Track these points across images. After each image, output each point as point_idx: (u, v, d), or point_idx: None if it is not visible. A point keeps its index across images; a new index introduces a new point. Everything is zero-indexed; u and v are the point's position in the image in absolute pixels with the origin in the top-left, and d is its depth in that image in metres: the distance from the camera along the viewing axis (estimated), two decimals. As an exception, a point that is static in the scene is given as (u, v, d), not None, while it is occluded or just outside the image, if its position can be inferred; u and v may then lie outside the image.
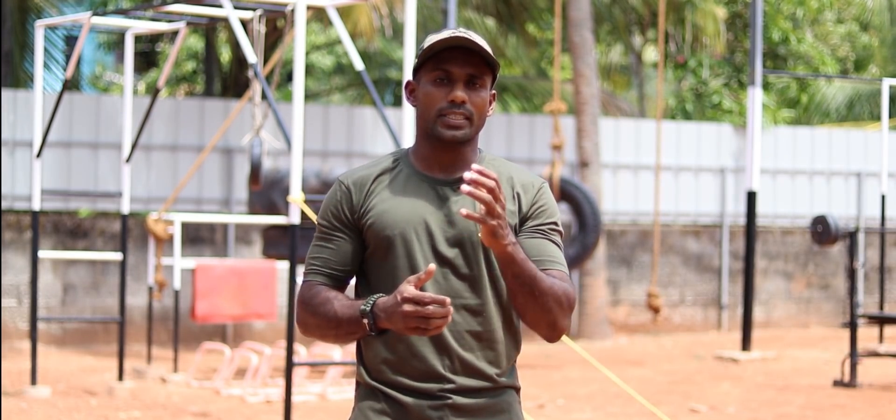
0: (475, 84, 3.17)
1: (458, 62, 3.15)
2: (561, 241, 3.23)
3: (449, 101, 3.14)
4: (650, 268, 18.03)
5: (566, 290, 3.13)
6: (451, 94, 3.14)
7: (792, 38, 21.77)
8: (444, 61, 3.15)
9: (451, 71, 3.15)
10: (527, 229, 3.19)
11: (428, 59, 3.17)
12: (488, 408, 3.19)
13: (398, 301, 2.99)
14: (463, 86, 3.15)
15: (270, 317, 12.21)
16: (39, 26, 11.63)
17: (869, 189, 19.61)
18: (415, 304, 2.96)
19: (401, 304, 2.98)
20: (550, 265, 3.16)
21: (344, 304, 3.14)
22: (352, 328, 3.12)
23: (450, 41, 3.12)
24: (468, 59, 3.15)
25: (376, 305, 3.07)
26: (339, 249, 3.22)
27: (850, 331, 12.43)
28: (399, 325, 3.00)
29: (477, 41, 3.13)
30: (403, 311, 2.97)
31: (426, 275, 2.99)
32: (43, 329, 15.03)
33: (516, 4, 20.56)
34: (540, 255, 3.16)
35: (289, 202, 8.71)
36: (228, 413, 10.46)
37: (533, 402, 11.04)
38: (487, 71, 3.18)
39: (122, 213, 11.80)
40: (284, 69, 23.07)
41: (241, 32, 9.30)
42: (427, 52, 3.15)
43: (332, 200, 3.23)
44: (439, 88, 3.16)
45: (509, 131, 17.90)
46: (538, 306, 3.10)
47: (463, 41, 3.12)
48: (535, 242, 3.17)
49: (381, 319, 3.06)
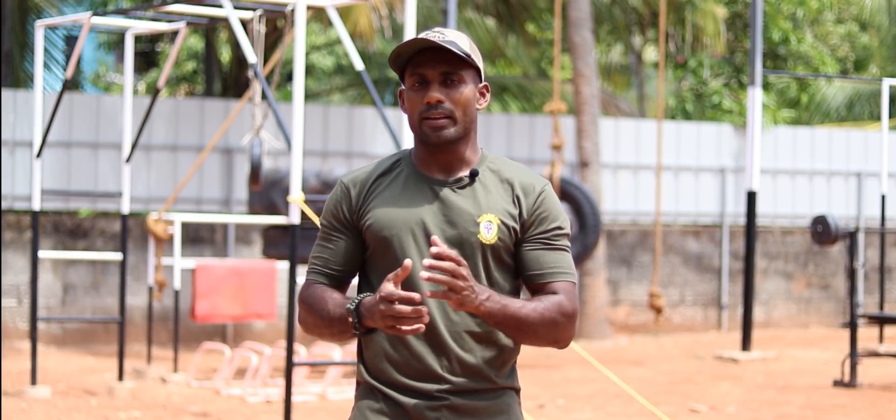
0: (452, 81, 3.15)
1: (430, 63, 3.14)
2: (568, 242, 3.21)
3: (425, 103, 3.14)
4: (650, 268, 18.03)
5: (560, 306, 3.12)
6: (426, 96, 3.14)
7: (792, 38, 21.77)
8: (418, 65, 3.15)
9: (425, 73, 3.14)
10: (529, 238, 3.18)
11: (407, 65, 3.17)
12: (487, 409, 3.19)
13: (377, 299, 3.01)
14: (438, 86, 3.14)
15: (270, 317, 12.21)
16: (39, 26, 11.63)
17: (869, 189, 19.61)
18: (387, 302, 2.97)
19: (379, 303, 2.99)
20: (552, 277, 3.15)
21: (336, 303, 3.15)
22: (343, 327, 3.14)
23: (415, 44, 3.12)
24: (440, 57, 3.14)
25: (361, 304, 3.08)
26: (339, 249, 3.23)
27: (850, 331, 12.43)
28: (379, 324, 3.02)
29: (442, 39, 3.11)
30: (380, 309, 2.98)
31: (402, 271, 2.98)
32: (43, 329, 15.03)
33: (516, 4, 20.56)
34: (542, 267, 3.16)
35: (289, 202, 8.71)
36: (228, 413, 10.46)
37: (533, 402, 11.04)
38: (463, 66, 3.16)
39: (123, 213, 11.80)
40: (284, 69, 23.06)
41: (241, 32, 9.30)
42: (395, 58, 3.15)
43: (333, 201, 3.25)
44: (418, 92, 3.16)
45: (509, 131, 17.90)
46: (532, 338, 3.12)
47: (426, 42, 3.11)
48: (535, 255, 3.17)
49: (366, 318, 3.07)
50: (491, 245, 3.15)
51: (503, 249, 3.17)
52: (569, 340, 3.16)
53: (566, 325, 3.13)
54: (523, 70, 24.25)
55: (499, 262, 3.17)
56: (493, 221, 3.15)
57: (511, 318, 3.07)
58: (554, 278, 3.15)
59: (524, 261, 3.16)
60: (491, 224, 3.15)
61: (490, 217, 3.16)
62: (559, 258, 3.17)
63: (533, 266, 3.15)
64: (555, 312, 3.11)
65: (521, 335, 3.11)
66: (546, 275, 3.15)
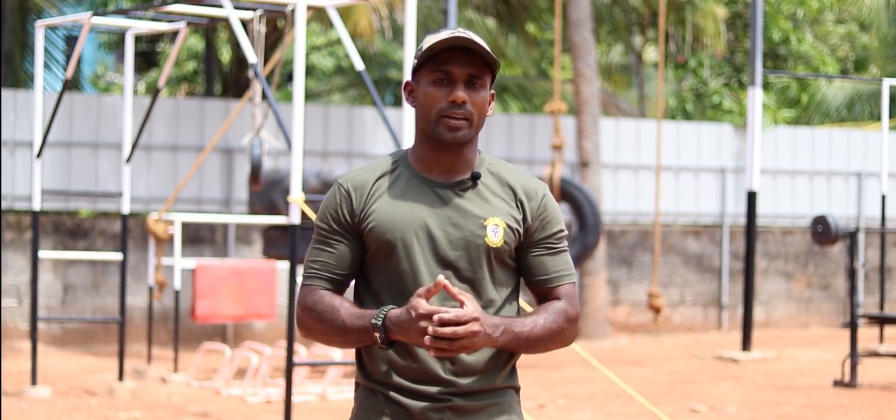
0: (475, 84, 3.15)
1: (459, 62, 3.13)
2: (566, 242, 3.27)
3: (450, 101, 3.13)
4: (650, 268, 18.03)
5: (566, 313, 3.21)
6: (451, 94, 3.13)
7: (792, 38, 21.77)
8: (444, 62, 3.14)
9: (452, 71, 3.14)
10: (534, 244, 3.22)
11: (428, 59, 3.15)
12: (488, 409, 3.20)
13: (412, 317, 3.02)
14: (463, 86, 3.14)
15: (270, 317, 12.21)
16: (40, 26, 11.63)
17: (869, 189, 19.61)
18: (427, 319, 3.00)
19: (416, 320, 3.01)
20: (559, 280, 3.23)
21: (352, 314, 3.14)
22: (361, 338, 3.13)
23: (450, 41, 3.11)
24: (468, 59, 3.14)
25: (388, 318, 3.08)
26: (339, 253, 3.21)
27: (851, 331, 12.43)
28: (415, 340, 3.04)
29: (477, 41, 3.12)
30: (420, 327, 3.01)
31: (435, 287, 3.02)
32: (43, 329, 15.03)
33: (516, 4, 20.56)
34: (548, 272, 3.22)
35: (289, 202, 8.71)
36: (228, 413, 10.46)
37: (533, 402, 11.04)
38: (487, 71, 3.17)
39: (123, 213, 11.80)
40: (284, 69, 23.06)
41: (242, 32, 9.30)
42: (427, 52, 3.13)
43: (332, 203, 3.22)
44: (440, 89, 3.15)
45: (509, 131, 17.90)
46: (542, 349, 3.20)
47: (463, 41, 3.11)
48: (541, 261, 3.22)
49: (394, 332, 3.07)
50: (496, 248, 3.17)
51: (507, 253, 3.19)
52: (572, 341, 3.25)
53: (571, 329, 3.22)
54: (523, 70, 24.25)
55: (502, 263, 3.20)
56: (500, 225, 3.17)
57: (523, 342, 3.14)
58: (559, 283, 3.23)
59: (529, 266, 3.22)
60: (498, 227, 3.17)
61: (496, 220, 3.17)
62: (562, 262, 3.24)
63: (539, 272, 3.22)
64: (561, 321, 3.20)
65: (531, 350, 3.19)
66: (553, 280, 3.22)
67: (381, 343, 3.09)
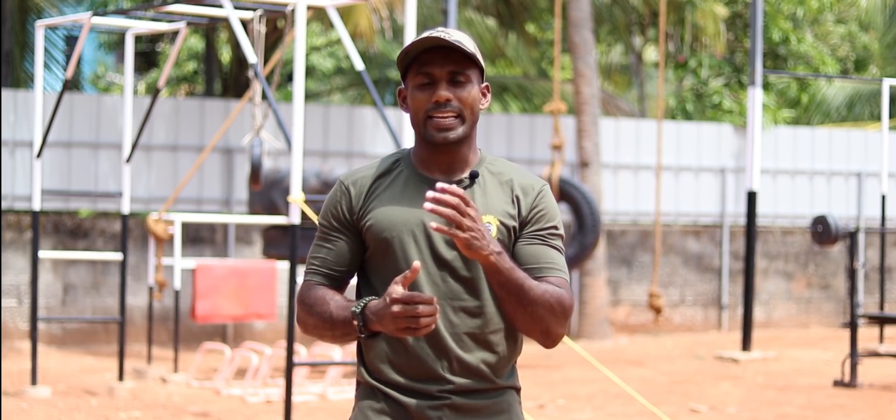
0: (459, 80, 3.16)
1: (438, 62, 3.14)
2: (562, 244, 3.23)
3: (433, 101, 3.14)
4: (650, 268, 18.03)
5: (560, 296, 3.11)
6: (434, 95, 3.14)
7: (792, 38, 21.77)
8: (425, 64, 3.15)
9: (432, 72, 3.15)
10: (526, 234, 3.19)
11: (411, 64, 3.17)
12: (488, 408, 3.20)
13: (387, 303, 3.00)
14: (446, 85, 3.15)
15: (271, 317, 12.21)
16: (40, 26, 11.64)
17: (869, 189, 19.61)
18: (404, 304, 2.96)
19: (390, 306, 2.99)
20: (549, 271, 3.16)
21: (339, 305, 3.15)
22: (346, 329, 3.13)
23: (425, 43, 3.12)
24: (448, 57, 3.14)
25: (368, 307, 3.08)
26: (338, 250, 3.23)
27: (851, 331, 12.43)
28: (389, 327, 3.01)
29: (451, 39, 3.11)
30: (392, 312, 2.97)
31: (411, 273, 2.99)
32: (43, 329, 15.04)
33: (516, 4, 20.56)
34: (538, 261, 3.16)
35: (289, 202, 8.71)
36: (229, 413, 10.46)
37: (533, 402, 11.04)
38: (470, 65, 3.17)
39: (123, 213, 11.81)
40: (285, 69, 23.06)
41: (242, 32, 9.30)
42: (403, 57, 3.15)
43: (333, 201, 3.24)
44: (423, 92, 3.16)
45: (509, 131, 17.90)
46: (528, 315, 3.09)
47: (437, 41, 3.11)
48: (533, 249, 3.17)
49: (372, 322, 3.07)
50: (490, 246, 3.15)
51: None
52: (558, 337, 3.15)
53: (561, 318, 3.12)
54: (523, 70, 24.25)
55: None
56: (493, 222, 3.16)
57: (515, 283, 3.05)
58: (550, 273, 3.15)
59: (520, 255, 3.17)
60: (490, 225, 3.16)
61: (489, 218, 3.17)
62: (554, 255, 3.19)
63: (529, 259, 3.16)
64: (555, 300, 3.10)
65: (517, 307, 3.08)
66: (543, 268, 3.16)
67: (359, 332, 3.08)
